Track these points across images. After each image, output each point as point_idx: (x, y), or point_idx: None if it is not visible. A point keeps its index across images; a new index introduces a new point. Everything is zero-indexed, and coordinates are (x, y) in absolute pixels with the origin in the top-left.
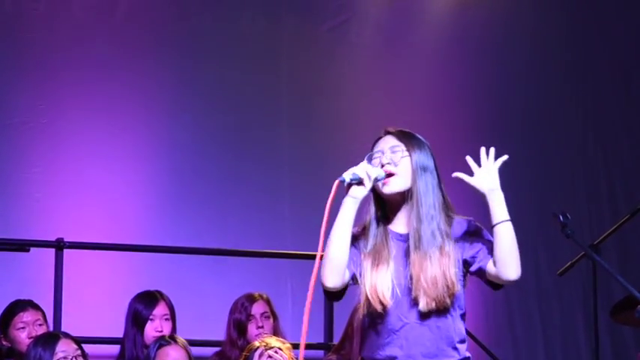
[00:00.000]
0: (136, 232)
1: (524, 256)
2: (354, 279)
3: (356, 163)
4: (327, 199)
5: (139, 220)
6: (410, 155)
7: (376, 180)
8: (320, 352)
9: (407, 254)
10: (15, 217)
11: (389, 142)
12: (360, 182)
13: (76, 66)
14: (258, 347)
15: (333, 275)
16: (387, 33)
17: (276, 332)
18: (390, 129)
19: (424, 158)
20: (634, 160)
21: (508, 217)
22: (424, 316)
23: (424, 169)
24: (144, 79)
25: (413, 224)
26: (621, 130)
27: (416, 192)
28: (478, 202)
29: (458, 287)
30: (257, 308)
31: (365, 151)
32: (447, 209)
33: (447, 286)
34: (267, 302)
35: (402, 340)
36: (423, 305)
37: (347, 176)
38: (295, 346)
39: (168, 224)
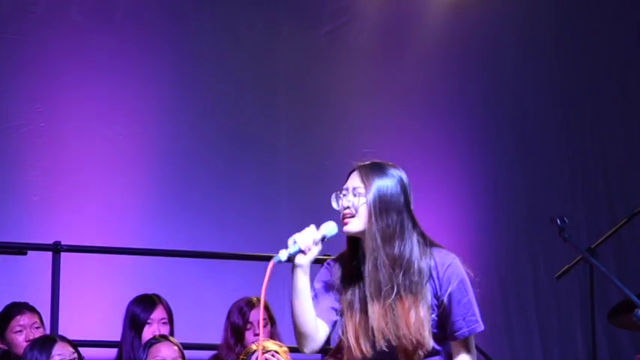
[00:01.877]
0: (133, 235)
1: (522, 260)
2: (336, 322)
3: (352, 165)
4: (326, 202)
5: (136, 224)
6: (366, 201)
7: (324, 239)
8: (317, 356)
9: (375, 292)
10: (13, 221)
11: (354, 181)
12: (302, 252)
13: (74, 69)
14: (255, 350)
15: (308, 342)
16: (384, 36)
17: (273, 337)
18: (359, 164)
19: (386, 200)
20: (631, 164)
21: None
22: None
23: (385, 211)
24: (141, 82)
25: (369, 271)
26: (619, 133)
27: (371, 238)
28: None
29: (427, 343)
30: (255, 315)
31: (362, 154)
32: (423, 245)
33: (413, 342)
34: (265, 308)
35: None
36: (379, 347)
37: (283, 254)
38: (292, 350)
39: (166, 228)
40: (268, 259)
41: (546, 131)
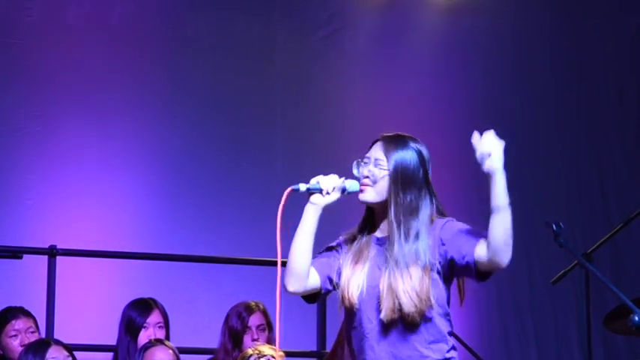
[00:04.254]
0: (129, 239)
1: (518, 265)
2: (332, 283)
3: (348, 169)
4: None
5: (132, 228)
6: (389, 174)
7: (345, 192)
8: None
9: (385, 258)
10: (8, 224)
11: (377, 152)
12: (321, 192)
13: (70, 73)
14: (251, 355)
15: (294, 280)
16: (379, 41)
17: (270, 342)
18: (383, 135)
19: (407, 175)
20: (627, 169)
21: (509, 202)
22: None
23: (405, 184)
24: (137, 86)
25: (390, 237)
26: (614, 139)
27: (392, 209)
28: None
29: (432, 303)
30: (254, 320)
31: (357, 159)
32: (435, 216)
33: (416, 305)
34: (264, 313)
35: (373, 343)
36: (383, 315)
37: (302, 185)
38: (288, 354)
39: (162, 231)
40: (264, 263)
41: (541, 136)
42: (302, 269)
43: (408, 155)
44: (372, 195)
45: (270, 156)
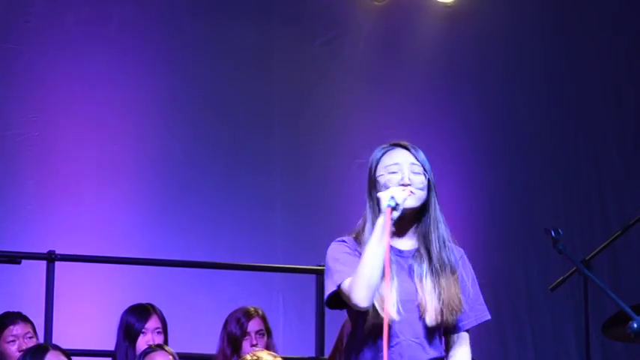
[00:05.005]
0: (127, 244)
1: (516, 271)
2: None
3: (347, 175)
4: (320, 211)
5: (130, 233)
6: (428, 179)
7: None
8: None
9: (411, 271)
10: (6, 229)
11: (407, 158)
12: (397, 206)
13: (69, 79)
14: None
15: (369, 294)
16: (379, 47)
17: (269, 348)
18: (405, 144)
19: (434, 182)
20: (626, 176)
21: None
22: (419, 334)
23: (436, 192)
24: (136, 91)
25: (430, 243)
26: (613, 145)
27: (431, 216)
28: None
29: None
30: (253, 325)
31: (357, 165)
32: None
33: (455, 310)
34: (263, 319)
35: (397, 356)
36: (429, 320)
37: (392, 201)
38: None
39: (160, 237)
40: (262, 269)
41: (540, 142)
42: (377, 283)
43: (428, 163)
44: (414, 201)
45: (268, 162)
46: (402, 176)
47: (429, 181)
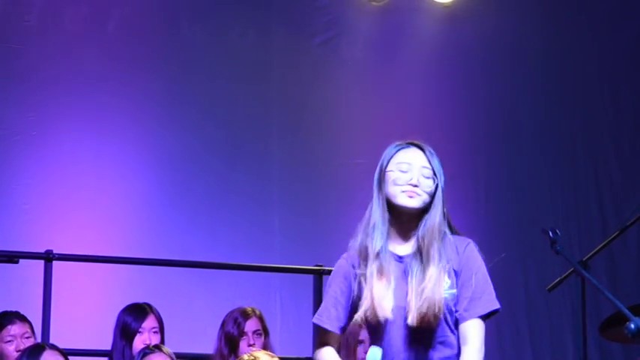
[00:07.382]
0: (125, 244)
1: (514, 272)
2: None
3: (345, 176)
4: (318, 211)
5: (128, 233)
6: (438, 184)
7: None
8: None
9: (406, 274)
10: (4, 229)
11: (420, 160)
12: None
13: (67, 78)
14: None
15: None
16: (377, 48)
17: (266, 348)
18: (422, 145)
19: (442, 187)
20: (623, 177)
21: None
22: (413, 338)
23: (443, 200)
24: (134, 91)
25: (424, 242)
26: (610, 145)
27: (437, 220)
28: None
29: (443, 311)
30: (250, 325)
31: (354, 165)
32: (449, 227)
33: (435, 313)
34: (260, 319)
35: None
36: (410, 320)
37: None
38: None
39: (158, 237)
40: (259, 269)
41: (538, 143)
42: None
43: (439, 163)
44: (417, 202)
45: (266, 162)
46: (412, 177)
47: (436, 187)
